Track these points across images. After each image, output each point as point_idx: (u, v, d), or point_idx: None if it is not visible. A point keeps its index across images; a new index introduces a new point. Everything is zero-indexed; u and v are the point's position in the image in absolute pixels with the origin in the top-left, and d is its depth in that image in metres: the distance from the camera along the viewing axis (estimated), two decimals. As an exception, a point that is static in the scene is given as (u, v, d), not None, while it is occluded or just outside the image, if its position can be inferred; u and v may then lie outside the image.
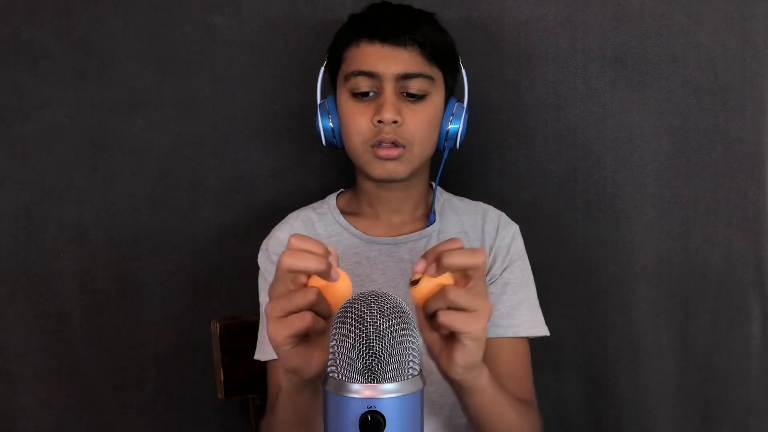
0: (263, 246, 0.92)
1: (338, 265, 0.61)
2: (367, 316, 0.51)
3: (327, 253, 0.60)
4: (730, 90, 1.02)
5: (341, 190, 0.97)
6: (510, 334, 0.86)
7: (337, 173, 1.05)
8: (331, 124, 0.88)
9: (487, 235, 0.92)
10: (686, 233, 1.04)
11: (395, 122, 0.82)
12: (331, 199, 0.96)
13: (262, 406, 0.93)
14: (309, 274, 0.59)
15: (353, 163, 0.90)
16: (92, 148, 1.04)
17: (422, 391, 0.53)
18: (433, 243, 0.90)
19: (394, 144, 0.83)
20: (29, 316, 1.05)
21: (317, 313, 0.59)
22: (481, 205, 0.95)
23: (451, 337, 0.62)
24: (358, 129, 0.85)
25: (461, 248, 0.62)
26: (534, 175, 1.05)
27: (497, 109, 1.05)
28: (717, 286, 1.04)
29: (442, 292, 0.60)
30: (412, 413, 0.52)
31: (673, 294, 1.05)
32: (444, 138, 0.89)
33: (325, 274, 0.59)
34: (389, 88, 0.83)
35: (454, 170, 1.04)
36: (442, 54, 0.87)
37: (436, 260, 0.61)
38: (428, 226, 0.91)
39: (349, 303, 0.53)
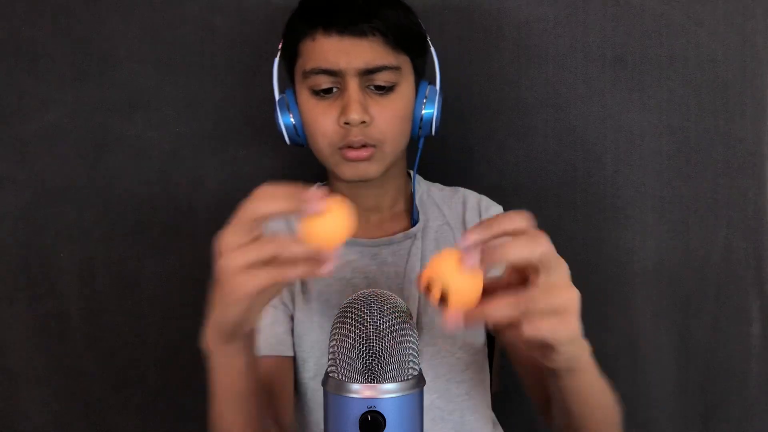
0: None
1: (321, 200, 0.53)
2: (367, 316, 0.51)
3: (301, 189, 0.53)
4: (730, 90, 1.02)
5: (319, 184, 0.94)
6: None
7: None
8: (292, 120, 0.82)
9: (469, 224, 0.88)
10: (686, 233, 1.04)
11: (363, 122, 0.76)
12: None
13: (262, 406, 0.93)
14: (277, 216, 0.53)
15: (322, 163, 0.85)
16: (92, 148, 1.04)
17: (422, 391, 0.53)
18: (418, 244, 0.86)
19: (364, 145, 0.78)
20: (29, 316, 1.05)
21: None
22: (460, 191, 0.92)
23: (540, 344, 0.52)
24: (323, 130, 0.79)
25: (519, 234, 0.50)
26: (534, 175, 1.05)
27: (497, 109, 1.04)
28: (717, 286, 1.04)
29: (510, 302, 0.49)
30: (412, 413, 0.52)
31: (673, 294, 1.05)
32: (418, 125, 0.83)
33: (303, 211, 0.52)
34: (353, 85, 0.76)
35: (454, 170, 1.04)
36: (408, 37, 0.80)
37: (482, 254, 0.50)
38: (413, 227, 0.87)
39: (349, 303, 0.53)
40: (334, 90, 0.78)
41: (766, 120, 1.02)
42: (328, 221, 0.52)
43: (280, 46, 0.85)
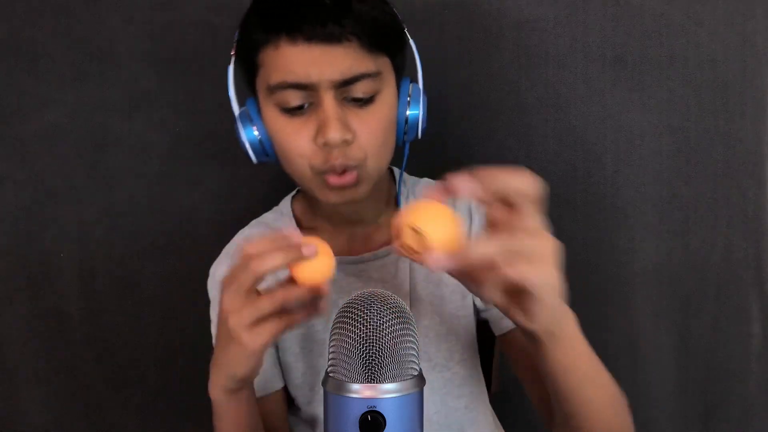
0: (212, 271, 0.84)
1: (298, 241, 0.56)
2: (367, 316, 0.51)
3: (287, 238, 0.56)
4: (730, 90, 1.02)
5: (297, 190, 0.88)
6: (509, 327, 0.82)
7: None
8: (257, 134, 0.72)
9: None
10: (686, 233, 1.04)
11: (345, 141, 0.67)
12: (286, 207, 0.86)
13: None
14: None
15: (297, 184, 0.77)
16: (92, 148, 1.04)
17: (422, 391, 0.53)
18: (410, 267, 0.80)
19: (345, 169, 0.69)
20: (29, 316, 1.05)
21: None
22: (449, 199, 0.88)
23: (518, 290, 0.52)
24: (300, 151, 0.69)
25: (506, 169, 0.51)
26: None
27: (497, 109, 1.05)
28: (717, 286, 1.04)
29: (491, 239, 0.49)
30: (412, 413, 0.52)
31: (673, 294, 1.05)
32: (403, 130, 0.73)
33: (300, 259, 0.56)
34: (329, 100, 0.66)
35: (454, 170, 1.04)
36: (387, 35, 0.70)
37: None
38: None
39: (349, 303, 0.53)
40: (306, 105, 0.68)
41: (766, 120, 1.02)
42: (317, 260, 0.57)
43: (233, 51, 0.75)
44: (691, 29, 1.01)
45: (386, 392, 0.50)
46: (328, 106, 0.67)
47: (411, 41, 0.76)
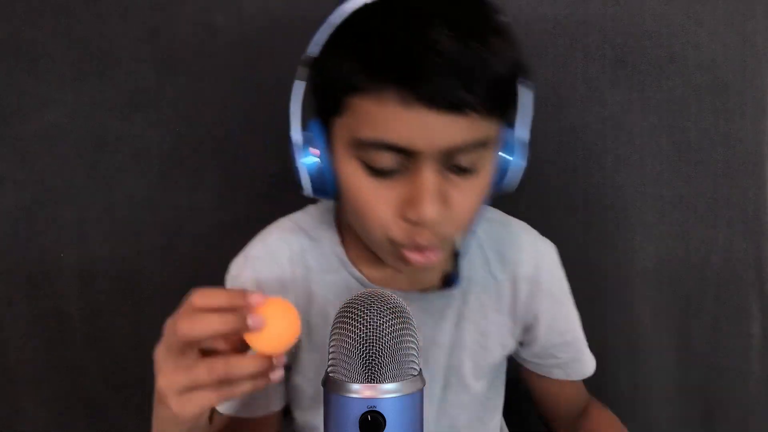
0: (233, 273, 0.73)
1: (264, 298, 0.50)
2: (367, 316, 0.51)
3: (240, 301, 0.48)
4: (730, 90, 1.02)
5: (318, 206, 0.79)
6: (576, 377, 0.84)
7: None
8: (319, 165, 0.59)
9: (521, 292, 0.75)
10: (686, 233, 1.04)
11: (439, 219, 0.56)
12: (329, 218, 0.74)
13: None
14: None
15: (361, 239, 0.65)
16: (92, 148, 1.04)
17: (422, 391, 0.53)
18: (457, 304, 0.73)
19: (431, 246, 0.59)
20: (29, 316, 1.05)
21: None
22: (512, 230, 0.77)
23: None
24: (380, 220, 0.58)
25: None
26: (534, 175, 1.05)
27: (497, 109, 1.04)
28: (717, 286, 1.04)
29: None
30: (412, 413, 0.52)
31: (673, 294, 1.05)
32: (496, 186, 0.63)
33: (242, 330, 0.48)
34: (429, 169, 0.54)
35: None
36: (508, 96, 0.58)
37: None
38: (453, 282, 0.72)
39: (349, 303, 0.53)
40: (396, 166, 0.56)
41: (766, 120, 1.02)
42: (274, 328, 0.49)
43: (307, 73, 0.61)
44: (691, 29, 1.01)
45: (386, 392, 0.50)
46: (427, 177, 0.54)
47: (528, 91, 0.62)
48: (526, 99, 0.62)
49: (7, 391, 1.06)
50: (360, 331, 0.51)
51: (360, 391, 0.50)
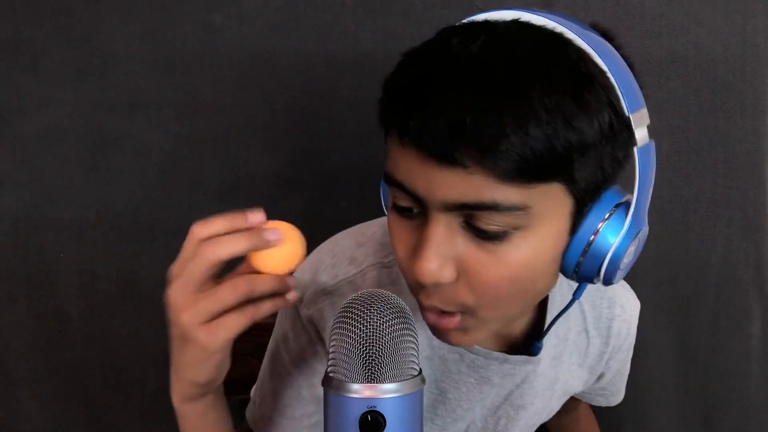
0: (310, 295, 0.65)
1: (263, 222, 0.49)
2: (367, 316, 0.51)
3: (242, 222, 0.48)
4: (730, 90, 1.02)
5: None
6: (597, 404, 0.86)
7: (338, 171, 1.05)
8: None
9: (609, 347, 0.74)
10: (686, 233, 1.04)
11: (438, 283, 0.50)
12: None
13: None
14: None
15: None
16: (92, 148, 1.04)
17: (422, 391, 0.53)
18: (540, 369, 0.68)
19: (443, 311, 0.53)
20: (29, 316, 1.05)
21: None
22: (608, 295, 0.72)
23: None
24: (401, 262, 0.54)
25: None
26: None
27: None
28: (717, 286, 1.04)
29: None
30: (412, 413, 0.52)
31: (673, 294, 1.05)
32: (577, 268, 0.51)
33: (263, 245, 0.48)
34: (435, 221, 0.49)
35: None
36: (567, 160, 0.46)
37: None
38: (535, 352, 0.65)
39: (350, 303, 0.53)
40: (416, 210, 0.51)
41: (766, 120, 1.02)
42: (284, 248, 0.49)
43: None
44: (691, 29, 1.01)
45: (386, 392, 0.50)
46: (431, 230, 0.49)
47: (644, 149, 0.50)
48: (640, 164, 0.50)
49: (7, 391, 1.06)
50: (360, 331, 0.51)
51: (360, 391, 0.50)
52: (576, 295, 0.59)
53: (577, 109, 0.45)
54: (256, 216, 0.49)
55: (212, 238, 0.48)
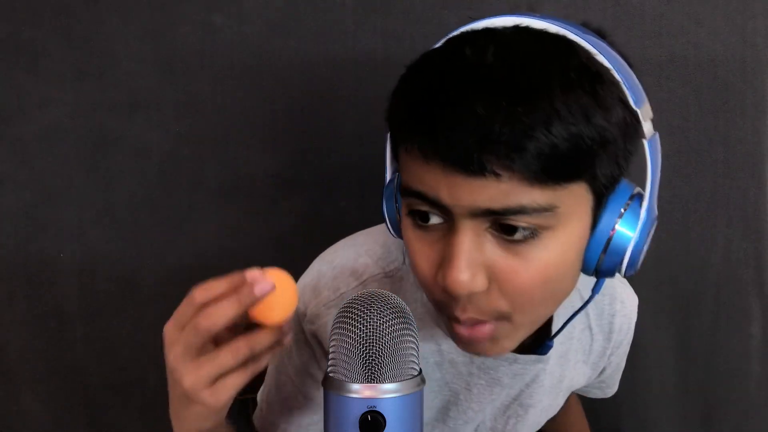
0: (299, 306, 0.63)
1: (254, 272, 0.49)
2: (367, 316, 0.51)
3: (241, 281, 0.48)
4: (730, 90, 1.02)
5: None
6: (592, 396, 0.86)
7: (338, 171, 1.05)
8: (398, 215, 0.57)
9: (611, 343, 0.75)
10: (686, 233, 1.04)
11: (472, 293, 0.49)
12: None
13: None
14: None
15: None
16: (92, 148, 1.04)
17: (422, 391, 0.53)
18: (548, 368, 0.68)
19: (478, 321, 0.52)
20: (29, 316, 1.05)
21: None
22: (609, 291, 0.73)
23: None
24: (424, 282, 0.53)
25: None
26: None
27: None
28: (717, 286, 1.04)
29: None
30: (412, 413, 0.52)
31: (673, 294, 1.05)
32: (598, 263, 0.53)
33: (257, 301, 0.48)
34: (463, 229, 0.49)
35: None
36: (591, 157, 0.47)
37: None
38: (545, 351, 0.65)
39: (349, 303, 0.53)
40: (435, 218, 0.51)
41: (766, 120, 1.02)
42: (278, 296, 0.50)
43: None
44: (691, 29, 1.01)
45: (386, 392, 0.50)
46: (458, 238, 0.48)
47: (652, 142, 0.52)
48: (651, 156, 0.52)
49: (7, 391, 1.06)
50: (360, 331, 0.51)
51: (360, 391, 0.50)
52: (595, 290, 0.59)
53: (595, 106, 0.47)
54: (253, 273, 0.49)
55: (209, 303, 0.48)
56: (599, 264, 0.53)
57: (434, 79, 0.49)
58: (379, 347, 0.50)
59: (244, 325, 0.51)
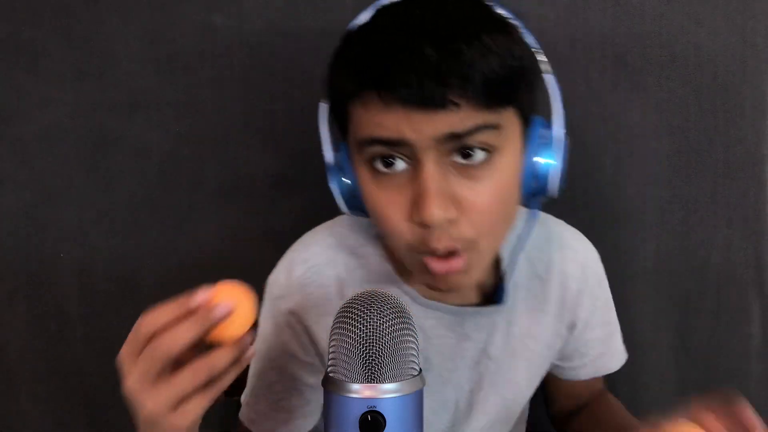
0: (275, 291, 0.72)
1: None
2: (367, 316, 0.51)
3: (187, 306, 0.48)
4: (730, 90, 1.02)
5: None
6: (603, 372, 0.85)
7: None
8: (348, 184, 0.62)
9: (570, 291, 0.76)
10: (686, 233, 1.04)
11: (448, 220, 0.55)
12: (374, 230, 0.71)
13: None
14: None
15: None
16: (92, 148, 1.04)
17: (422, 391, 0.53)
18: (505, 315, 0.73)
19: (452, 252, 0.57)
20: (29, 316, 1.05)
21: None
22: (553, 228, 0.78)
23: None
24: (394, 226, 0.58)
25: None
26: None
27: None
28: (717, 286, 1.04)
29: None
30: (412, 413, 0.52)
31: (673, 294, 1.05)
32: (530, 188, 0.61)
33: (214, 324, 0.48)
34: (429, 163, 0.55)
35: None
36: (511, 86, 0.57)
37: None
38: (500, 298, 0.71)
39: (350, 303, 0.53)
40: (401, 163, 0.57)
41: (766, 120, 1.02)
42: (236, 313, 0.49)
43: (326, 90, 0.63)
44: (691, 29, 1.01)
45: (386, 392, 0.50)
46: (427, 173, 0.54)
47: (550, 77, 0.64)
48: (551, 91, 0.63)
49: (7, 391, 1.06)
50: (360, 331, 0.51)
51: (360, 391, 0.50)
52: (530, 221, 0.67)
53: (512, 43, 0.57)
54: (202, 295, 0.49)
55: (162, 331, 0.48)
56: (533, 185, 0.60)
57: (381, 35, 0.56)
58: (379, 347, 0.50)
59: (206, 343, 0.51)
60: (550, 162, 0.61)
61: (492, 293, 0.73)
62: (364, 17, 0.61)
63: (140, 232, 1.05)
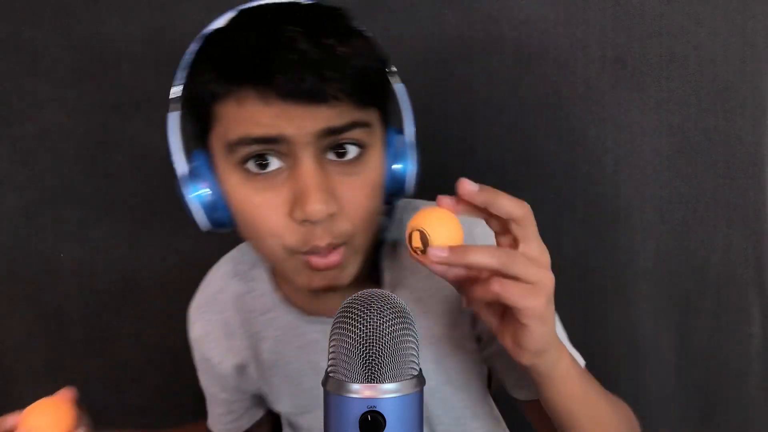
0: (189, 321, 0.80)
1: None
2: (367, 316, 0.51)
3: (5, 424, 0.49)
4: (730, 90, 1.02)
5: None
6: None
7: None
8: (210, 195, 0.61)
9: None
10: (686, 233, 1.04)
11: (330, 215, 0.56)
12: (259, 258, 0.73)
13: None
14: None
15: (269, 263, 0.69)
16: (92, 148, 1.04)
17: (422, 391, 0.53)
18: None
19: (332, 247, 0.58)
20: (29, 316, 1.05)
21: None
22: (411, 210, 0.72)
23: (507, 315, 0.52)
24: (271, 228, 0.57)
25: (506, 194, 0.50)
26: (534, 175, 1.05)
27: (497, 109, 1.04)
28: (717, 286, 1.04)
29: (490, 252, 0.48)
30: (412, 413, 0.52)
31: (673, 294, 1.05)
32: (390, 189, 0.63)
33: None
34: (307, 159, 0.55)
35: (452, 170, 1.04)
36: (376, 86, 0.60)
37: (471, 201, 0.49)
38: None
39: (349, 303, 0.53)
40: (276, 162, 0.56)
41: (766, 120, 1.02)
42: (47, 425, 0.53)
43: (179, 94, 0.64)
44: (691, 29, 1.01)
45: (386, 392, 0.50)
46: (306, 169, 0.55)
47: (400, 86, 0.65)
48: (402, 98, 0.65)
49: (7, 391, 1.06)
50: (360, 331, 0.51)
51: (360, 391, 0.50)
52: (389, 214, 0.68)
53: (373, 48, 0.59)
54: (9, 420, 0.53)
55: None
56: (392, 189, 0.62)
57: (251, 32, 0.56)
58: (379, 347, 0.50)
59: None
60: (407, 165, 0.63)
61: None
62: (221, 21, 0.61)
63: (140, 232, 1.05)
